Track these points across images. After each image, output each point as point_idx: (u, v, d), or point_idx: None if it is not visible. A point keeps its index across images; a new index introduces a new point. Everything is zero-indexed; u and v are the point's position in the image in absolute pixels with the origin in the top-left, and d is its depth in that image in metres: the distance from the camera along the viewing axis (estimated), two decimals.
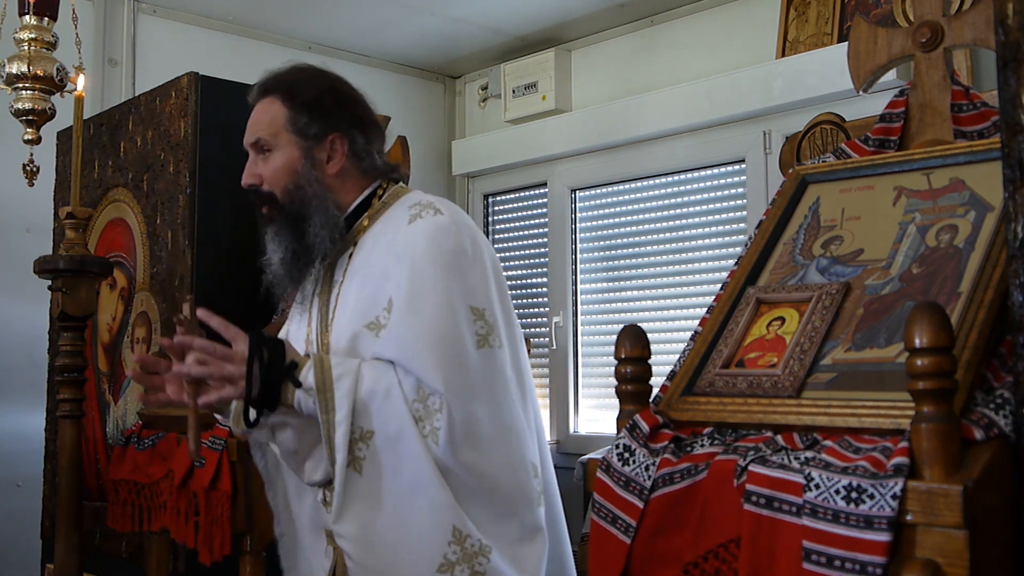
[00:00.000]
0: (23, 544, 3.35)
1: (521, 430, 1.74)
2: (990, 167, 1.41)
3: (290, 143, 1.86)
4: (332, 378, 1.68)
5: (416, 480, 1.65)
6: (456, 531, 1.64)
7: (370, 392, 1.67)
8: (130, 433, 2.60)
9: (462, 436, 1.66)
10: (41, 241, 3.40)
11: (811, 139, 1.79)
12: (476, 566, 1.64)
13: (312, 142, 1.86)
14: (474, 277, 1.76)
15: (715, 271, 3.93)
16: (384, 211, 1.89)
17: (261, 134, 1.87)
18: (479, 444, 1.68)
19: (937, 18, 1.59)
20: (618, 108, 4.19)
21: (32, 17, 2.86)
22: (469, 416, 1.67)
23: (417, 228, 1.78)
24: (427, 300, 1.71)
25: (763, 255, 1.56)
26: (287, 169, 1.85)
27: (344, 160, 1.88)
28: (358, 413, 1.67)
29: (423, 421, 1.66)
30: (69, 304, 2.47)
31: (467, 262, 1.76)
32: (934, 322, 1.09)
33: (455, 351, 1.68)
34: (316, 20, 4.24)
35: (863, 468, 1.12)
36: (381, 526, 1.66)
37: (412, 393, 1.67)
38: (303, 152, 1.86)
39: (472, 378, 1.69)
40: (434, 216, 1.79)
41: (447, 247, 1.75)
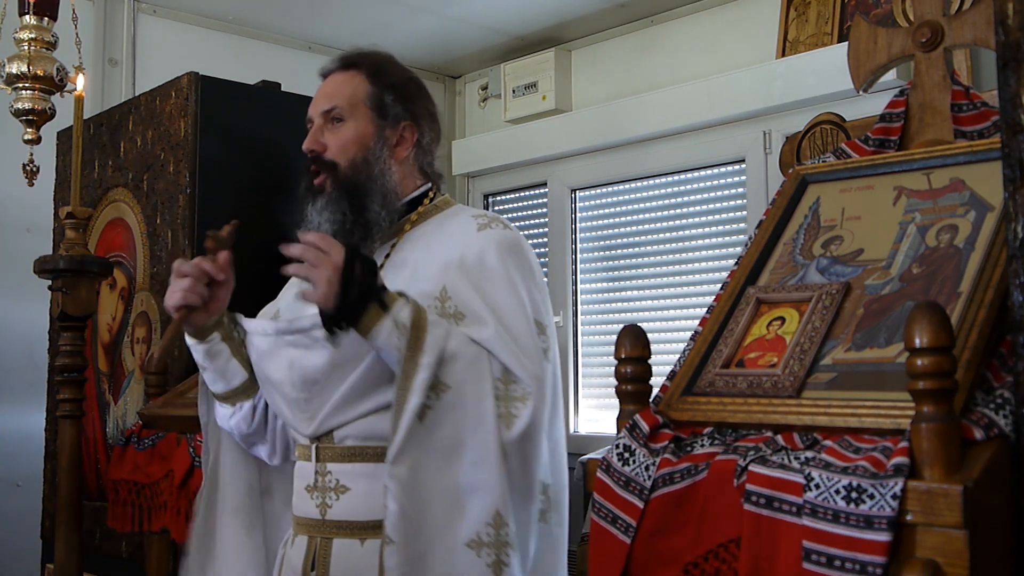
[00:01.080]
0: (23, 544, 3.35)
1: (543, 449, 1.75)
2: (990, 167, 1.41)
3: (366, 118, 1.86)
4: (427, 321, 1.66)
5: (481, 450, 1.64)
6: (498, 515, 1.62)
7: (457, 350, 1.66)
8: (130, 433, 2.61)
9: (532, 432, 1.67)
10: (41, 241, 3.40)
11: (811, 139, 1.79)
12: (503, 555, 1.62)
13: (387, 123, 1.87)
14: (539, 294, 1.80)
15: (715, 271, 3.93)
16: (434, 214, 1.91)
17: (338, 102, 1.86)
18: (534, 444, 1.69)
19: (937, 18, 1.59)
20: (618, 108, 4.19)
21: (32, 17, 2.86)
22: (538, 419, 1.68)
23: (491, 237, 1.80)
24: (510, 304, 1.74)
25: (763, 255, 1.56)
26: (358, 142, 1.85)
27: (411, 149, 1.90)
28: (443, 363, 1.65)
29: (501, 401, 1.67)
30: (69, 304, 2.47)
31: (534, 280, 1.81)
32: (934, 322, 1.09)
33: (537, 356, 1.72)
34: (316, 20, 4.24)
35: (863, 468, 1.12)
36: (430, 479, 1.63)
37: (498, 372, 1.67)
38: (377, 129, 1.86)
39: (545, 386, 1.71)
40: (504, 230, 1.82)
41: (520, 263, 1.79)
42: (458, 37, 4.50)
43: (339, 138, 1.86)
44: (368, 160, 1.85)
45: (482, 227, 1.82)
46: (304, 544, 1.80)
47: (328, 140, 1.87)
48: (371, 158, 1.85)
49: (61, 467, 2.53)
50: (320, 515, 1.78)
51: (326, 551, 1.76)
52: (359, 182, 1.84)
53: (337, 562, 1.75)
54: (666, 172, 4.12)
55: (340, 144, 1.86)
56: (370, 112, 1.87)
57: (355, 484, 1.75)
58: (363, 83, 1.89)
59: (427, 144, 1.93)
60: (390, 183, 1.86)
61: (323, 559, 1.76)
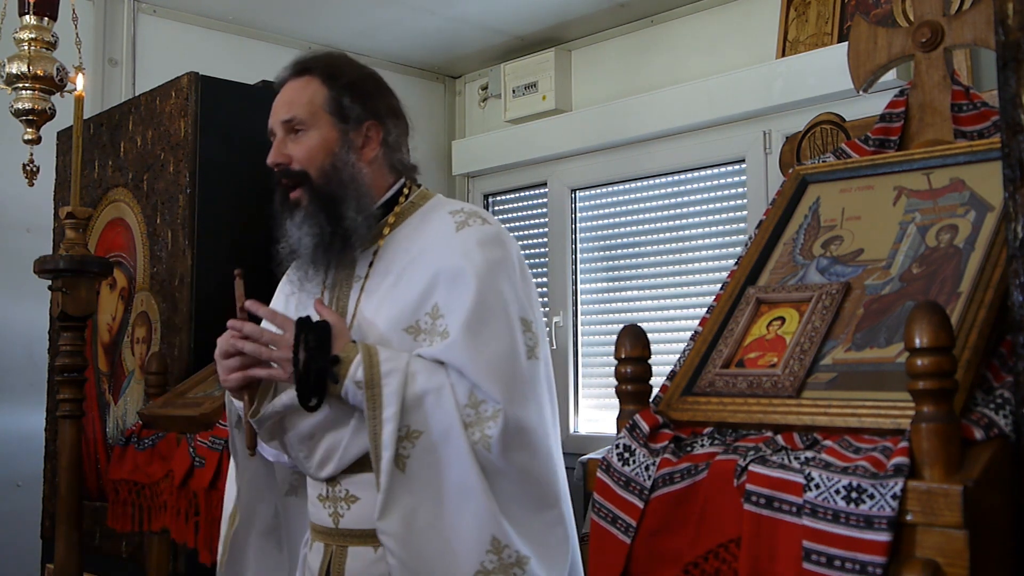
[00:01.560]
0: (23, 544, 3.35)
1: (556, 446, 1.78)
2: (990, 167, 1.41)
3: (327, 123, 1.83)
4: (381, 374, 1.67)
5: (461, 484, 1.66)
6: (495, 541, 1.64)
7: (421, 391, 1.67)
8: (130, 433, 2.60)
9: (516, 441, 1.67)
10: (41, 241, 3.41)
11: (811, 139, 1.79)
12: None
13: (349, 125, 1.84)
14: (523, 290, 1.78)
15: (715, 271, 3.93)
16: (412, 212, 1.88)
17: (297, 112, 1.82)
18: (530, 448, 1.70)
19: (937, 18, 1.58)
20: (618, 108, 4.19)
21: (32, 17, 2.86)
22: (521, 424, 1.68)
23: (469, 237, 1.77)
24: (488, 311, 1.71)
25: (763, 255, 1.56)
26: (324, 149, 1.82)
27: (377, 148, 1.86)
28: (406, 411, 1.66)
29: (472, 427, 1.67)
30: (69, 304, 2.47)
31: (518, 275, 1.78)
32: (934, 322, 1.09)
33: (511, 362, 1.70)
34: (316, 20, 4.24)
35: (863, 468, 1.12)
36: (423, 525, 1.66)
37: (464, 398, 1.68)
38: (340, 134, 1.83)
39: (525, 387, 1.71)
40: (483, 226, 1.79)
41: (502, 259, 1.76)
42: (458, 37, 4.50)
43: (303, 147, 1.82)
44: (336, 166, 1.82)
45: (460, 225, 1.79)
46: (321, 550, 1.81)
47: (292, 151, 1.83)
48: (339, 164, 1.82)
49: (61, 467, 2.53)
50: (333, 524, 1.79)
51: (341, 558, 1.78)
52: (332, 191, 1.81)
53: (352, 569, 1.77)
54: (666, 172, 4.12)
55: (306, 153, 1.82)
56: (331, 117, 1.83)
57: (364, 494, 1.75)
58: (319, 88, 1.84)
59: (394, 140, 1.89)
60: (362, 186, 1.83)
61: (338, 566, 1.77)
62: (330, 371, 1.68)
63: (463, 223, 1.80)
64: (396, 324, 1.76)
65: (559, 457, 1.78)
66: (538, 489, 1.71)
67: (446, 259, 1.76)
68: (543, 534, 1.71)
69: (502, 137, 4.66)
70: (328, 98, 1.84)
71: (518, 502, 1.69)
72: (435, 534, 1.65)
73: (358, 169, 1.83)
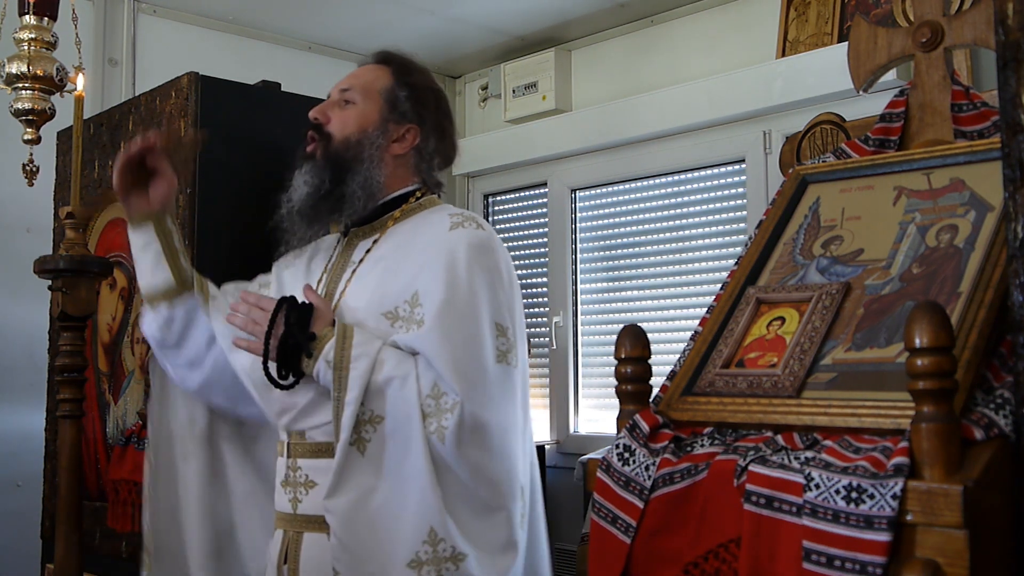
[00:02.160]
0: (23, 544, 3.34)
1: (517, 452, 1.77)
2: (990, 167, 1.41)
3: (375, 106, 1.94)
4: (351, 357, 1.72)
5: (411, 473, 1.68)
6: (432, 532, 1.66)
7: (387, 378, 1.71)
8: (130, 433, 2.60)
9: (469, 437, 1.69)
10: (41, 241, 3.40)
11: (811, 139, 1.79)
12: (443, 571, 1.66)
13: (393, 118, 1.94)
14: (504, 296, 1.81)
15: (715, 271, 3.93)
16: (417, 212, 1.94)
17: (355, 85, 1.95)
18: (484, 447, 1.71)
19: (937, 18, 1.59)
20: (618, 108, 4.19)
21: (32, 17, 2.86)
22: (478, 421, 1.70)
23: (460, 237, 1.82)
24: (462, 306, 1.75)
25: (763, 255, 1.56)
26: (359, 123, 1.92)
27: (408, 150, 1.95)
28: (371, 396, 1.71)
29: (430, 418, 1.70)
30: (69, 304, 2.47)
31: (500, 282, 1.82)
32: (934, 322, 1.09)
33: (478, 359, 1.73)
34: (316, 20, 4.24)
35: (863, 468, 1.12)
36: (371, 508, 1.69)
37: (427, 388, 1.71)
38: (381, 119, 1.93)
39: (488, 388, 1.73)
40: (476, 230, 1.84)
41: (487, 263, 1.81)
42: (458, 37, 4.50)
43: (343, 116, 1.93)
44: (362, 142, 1.90)
45: (454, 226, 1.85)
46: (280, 537, 1.85)
47: (333, 114, 1.94)
48: (365, 141, 1.91)
49: (61, 467, 2.53)
50: (292, 509, 1.82)
51: (297, 544, 1.80)
52: (346, 158, 1.89)
53: (307, 555, 1.79)
54: (666, 172, 4.12)
55: (343, 121, 1.92)
56: (381, 102, 1.94)
57: (322, 479, 1.78)
58: (385, 76, 1.97)
59: (429, 153, 1.97)
60: (376, 171, 1.90)
61: (294, 552, 1.79)
62: (305, 346, 1.73)
63: (458, 224, 1.85)
64: (376, 308, 1.81)
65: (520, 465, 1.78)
66: (489, 489, 1.72)
67: (433, 252, 1.81)
68: (487, 534, 1.72)
69: (502, 137, 4.66)
70: (388, 87, 1.95)
71: (465, 499, 1.71)
72: (380, 519, 1.68)
73: (380, 155, 1.92)
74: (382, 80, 1.96)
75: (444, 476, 1.69)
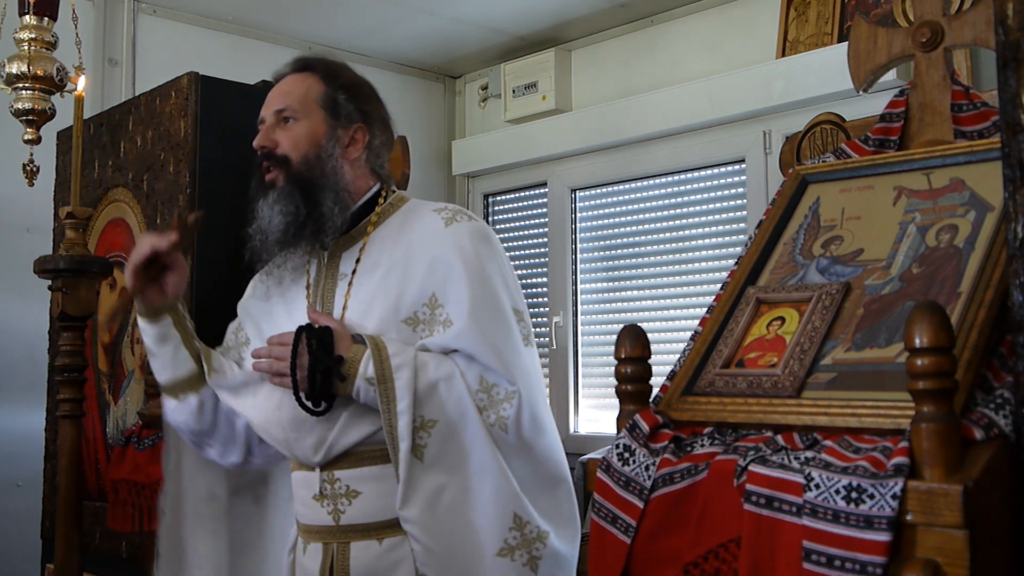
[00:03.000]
0: (23, 544, 3.35)
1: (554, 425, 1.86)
2: (990, 167, 1.41)
3: (318, 117, 1.89)
4: (392, 368, 1.72)
5: (480, 466, 1.72)
6: (517, 517, 1.71)
7: (433, 381, 1.73)
8: (130, 433, 2.60)
9: (529, 422, 1.75)
10: (41, 241, 3.40)
11: (811, 139, 1.79)
12: (534, 551, 1.71)
13: (339, 123, 1.90)
14: (512, 282, 1.85)
15: (715, 271, 3.93)
16: (392, 212, 1.93)
17: (290, 102, 1.90)
18: (540, 428, 1.78)
19: (937, 18, 1.58)
20: (618, 108, 4.19)
21: (32, 17, 2.86)
22: (533, 405, 1.75)
23: (461, 231, 1.83)
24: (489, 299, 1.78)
25: (763, 255, 1.56)
26: (310, 139, 1.88)
27: (362, 150, 1.92)
28: (420, 402, 1.72)
29: (487, 410, 1.73)
30: (69, 304, 2.47)
31: (508, 269, 1.86)
32: (934, 322, 1.09)
33: (516, 348, 1.78)
34: (316, 20, 4.24)
35: (863, 468, 1.12)
36: (445, 509, 1.71)
37: (475, 383, 1.74)
38: (329, 128, 1.89)
39: (529, 372, 1.79)
40: (471, 222, 1.86)
41: (491, 253, 1.83)
42: (458, 37, 4.50)
43: (291, 135, 1.88)
44: (320, 157, 1.87)
45: (449, 221, 1.85)
46: (319, 551, 1.81)
47: (279, 137, 1.88)
48: (323, 155, 1.87)
49: (61, 467, 2.53)
50: (334, 521, 1.79)
51: (344, 555, 1.78)
52: (312, 177, 1.86)
53: (357, 564, 1.78)
54: (666, 172, 4.12)
55: (293, 141, 1.87)
56: (323, 111, 1.89)
57: (366, 487, 1.77)
58: (316, 84, 1.91)
59: (378, 147, 1.95)
60: (342, 181, 1.88)
61: (342, 563, 1.78)
62: (336, 371, 1.72)
63: (451, 219, 1.85)
64: (394, 316, 1.80)
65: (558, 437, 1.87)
66: (549, 467, 1.79)
67: (439, 251, 1.81)
68: (557, 509, 1.78)
69: (502, 137, 4.66)
70: (323, 94, 1.90)
71: (533, 480, 1.76)
72: (458, 517, 1.70)
73: (340, 165, 1.89)
74: (314, 88, 1.90)
75: (512, 462, 1.73)
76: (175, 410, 1.93)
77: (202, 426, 1.92)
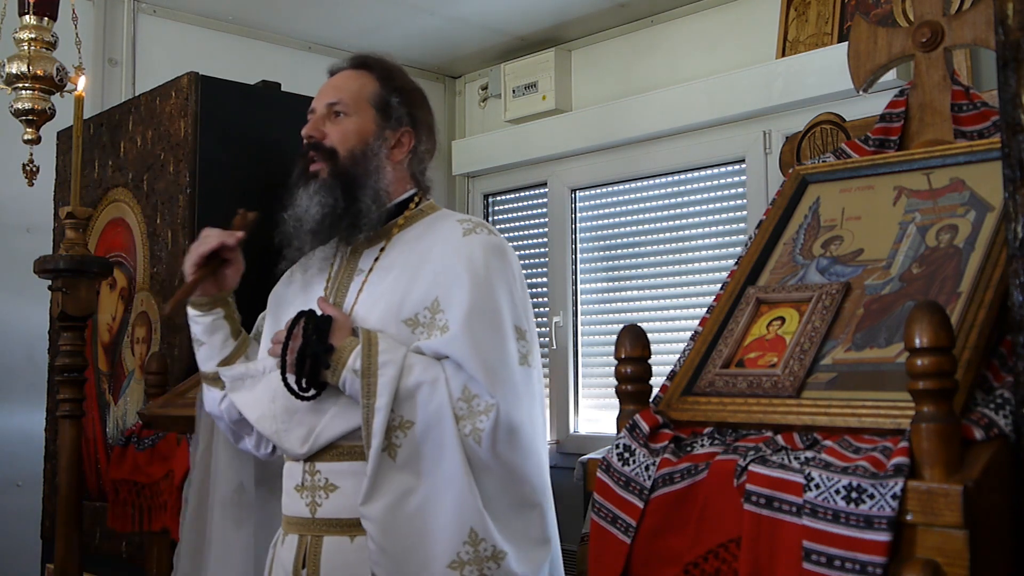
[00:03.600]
0: (23, 544, 3.35)
1: (544, 449, 1.83)
2: (990, 167, 1.41)
3: (369, 115, 1.91)
4: (378, 364, 1.72)
5: (448, 475, 1.70)
6: (472, 533, 1.69)
7: (416, 383, 1.72)
8: (130, 433, 2.60)
9: (505, 438, 1.72)
10: (41, 241, 3.40)
11: (811, 139, 1.79)
12: (485, 570, 1.68)
13: (388, 124, 1.92)
14: (520, 300, 1.84)
15: (715, 271, 3.93)
16: (420, 218, 1.94)
17: (343, 96, 1.91)
18: (518, 447, 1.75)
19: (937, 18, 1.58)
20: (618, 108, 4.19)
21: (32, 17, 2.86)
22: (512, 422, 1.73)
23: (476, 243, 1.83)
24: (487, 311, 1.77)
25: (763, 255, 1.56)
26: (359, 135, 1.90)
27: (406, 154, 1.94)
28: (400, 401, 1.71)
29: (464, 420, 1.72)
30: (69, 304, 2.47)
31: (517, 286, 1.85)
32: (934, 322, 1.09)
33: (506, 363, 1.76)
34: (316, 20, 4.24)
35: (863, 468, 1.12)
36: (407, 513, 1.70)
37: (458, 391, 1.73)
38: (377, 128, 1.91)
39: (517, 389, 1.76)
40: (489, 235, 1.86)
41: (503, 268, 1.83)
42: (458, 37, 4.50)
43: (340, 129, 1.90)
44: (366, 154, 1.89)
45: (467, 232, 1.86)
46: (295, 543, 1.83)
47: (329, 130, 1.90)
48: (369, 153, 1.89)
49: (61, 467, 2.53)
50: (310, 513, 1.80)
51: (316, 549, 1.79)
52: (355, 173, 1.88)
53: (328, 559, 1.78)
54: (666, 172, 4.12)
55: (341, 134, 1.90)
56: (374, 111, 1.92)
57: (343, 482, 1.78)
58: (371, 83, 1.94)
59: (422, 153, 1.97)
60: (382, 182, 1.90)
61: (313, 557, 1.79)
62: (323, 359, 1.74)
63: (470, 230, 1.87)
64: (395, 315, 1.81)
65: (546, 462, 1.83)
66: (522, 488, 1.76)
67: (450, 259, 1.82)
68: (524, 531, 1.76)
69: (502, 137, 4.66)
70: (376, 94, 1.93)
71: (501, 498, 1.74)
72: (419, 522, 1.69)
73: (383, 165, 1.91)
74: (368, 87, 1.93)
75: (481, 476, 1.72)
76: (217, 400, 1.95)
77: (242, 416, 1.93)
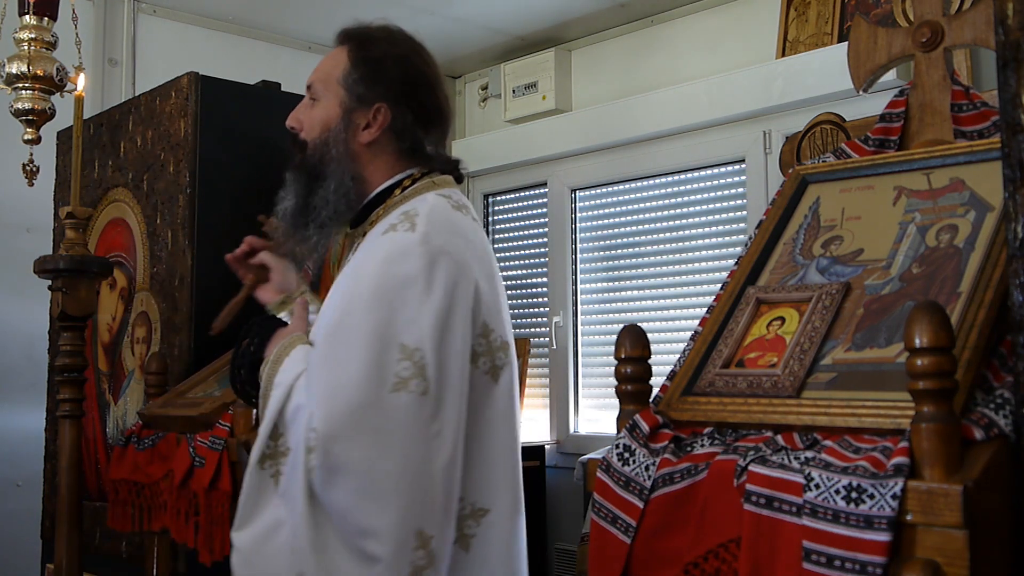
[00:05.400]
0: (23, 544, 3.35)
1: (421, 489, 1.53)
2: (990, 167, 1.41)
3: (336, 98, 1.76)
4: (272, 384, 1.62)
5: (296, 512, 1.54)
6: None
7: (295, 408, 1.58)
8: (130, 433, 2.60)
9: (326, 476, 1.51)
10: (41, 241, 3.41)
11: (811, 139, 1.79)
12: None
13: (356, 104, 1.75)
14: (417, 312, 1.55)
15: (715, 271, 3.93)
16: (401, 205, 1.73)
17: (315, 80, 1.80)
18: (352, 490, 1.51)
19: (937, 18, 1.58)
20: (618, 108, 4.19)
21: (32, 17, 2.86)
22: (339, 461, 1.50)
23: (383, 244, 1.63)
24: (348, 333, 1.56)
25: (763, 255, 1.56)
26: (322, 123, 1.76)
27: (379, 133, 1.75)
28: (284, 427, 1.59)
29: (313, 452, 1.53)
30: (69, 304, 2.47)
31: (414, 293, 1.56)
32: (934, 322, 1.09)
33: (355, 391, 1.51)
34: (316, 20, 4.24)
35: (863, 468, 1.12)
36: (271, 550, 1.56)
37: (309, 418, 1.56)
38: (344, 111, 1.75)
39: (362, 421, 1.51)
40: (405, 233, 1.62)
41: (398, 273, 1.58)
42: (458, 37, 4.50)
43: (309, 117, 1.80)
44: (327, 142, 1.75)
45: (388, 229, 1.65)
46: None
47: (304, 118, 1.81)
48: (331, 140, 1.75)
49: (61, 467, 2.53)
50: None
51: None
52: (315, 165, 1.76)
53: None
54: (666, 172, 4.12)
55: (309, 124, 1.79)
56: (342, 92, 1.76)
57: None
58: (343, 60, 1.79)
59: (405, 127, 1.76)
60: (348, 169, 1.74)
61: None
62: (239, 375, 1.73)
63: (392, 227, 1.65)
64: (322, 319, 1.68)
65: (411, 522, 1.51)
66: (358, 540, 1.51)
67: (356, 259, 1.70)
68: None
69: (502, 137, 4.66)
70: (345, 71, 1.77)
71: (337, 547, 1.52)
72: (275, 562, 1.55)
73: (351, 149, 1.74)
74: (339, 66, 1.77)
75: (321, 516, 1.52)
76: None
77: None
